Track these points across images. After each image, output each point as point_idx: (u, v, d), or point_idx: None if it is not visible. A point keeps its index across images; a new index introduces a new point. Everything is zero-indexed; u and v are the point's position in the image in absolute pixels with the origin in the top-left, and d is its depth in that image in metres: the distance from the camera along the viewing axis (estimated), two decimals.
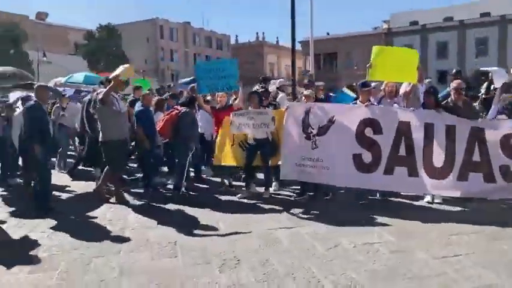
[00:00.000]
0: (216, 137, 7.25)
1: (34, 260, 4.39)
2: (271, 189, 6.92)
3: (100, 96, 6.20)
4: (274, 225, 5.39)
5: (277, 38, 77.83)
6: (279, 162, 6.58)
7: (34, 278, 3.97)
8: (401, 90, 6.46)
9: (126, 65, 6.43)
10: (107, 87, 6.32)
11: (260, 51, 72.29)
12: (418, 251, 4.46)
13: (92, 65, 43.92)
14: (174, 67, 63.59)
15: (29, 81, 10.65)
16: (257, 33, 75.03)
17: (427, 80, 7.84)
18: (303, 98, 6.78)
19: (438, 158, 5.64)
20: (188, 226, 5.45)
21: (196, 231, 5.28)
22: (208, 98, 8.19)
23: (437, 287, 3.66)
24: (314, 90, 7.21)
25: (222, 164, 7.11)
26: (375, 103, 6.31)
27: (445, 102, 6.09)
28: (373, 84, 6.64)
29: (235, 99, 7.46)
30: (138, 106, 7.57)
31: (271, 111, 6.60)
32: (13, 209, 6.46)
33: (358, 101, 6.25)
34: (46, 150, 6.06)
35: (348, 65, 56.35)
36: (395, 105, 6.19)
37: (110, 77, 6.53)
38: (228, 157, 6.94)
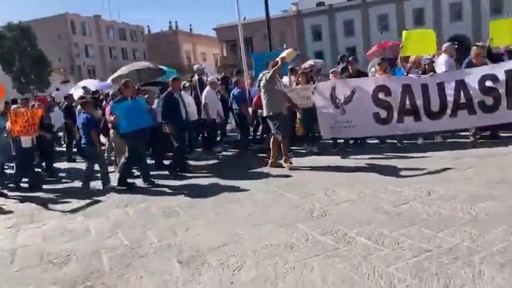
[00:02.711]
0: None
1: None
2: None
3: (269, 75, 7.45)
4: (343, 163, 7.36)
5: (190, 26, 78.18)
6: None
7: None
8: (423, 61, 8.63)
9: (291, 49, 7.66)
10: (273, 68, 7.49)
11: (175, 40, 72.44)
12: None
13: (7, 68, 41.54)
14: (91, 62, 61.72)
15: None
16: (170, 23, 74.81)
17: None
18: (331, 75, 8.66)
19: (435, 104, 7.86)
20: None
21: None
22: None
23: None
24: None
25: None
26: (405, 72, 8.45)
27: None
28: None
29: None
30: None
31: (312, 87, 8.48)
32: None
33: (376, 74, 8.27)
34: None
35: (264, 48, 58.84)
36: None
37: (278, 58, 7.60)
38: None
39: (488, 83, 7.61)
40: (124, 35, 68.61)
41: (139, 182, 7.66)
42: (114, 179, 7.76)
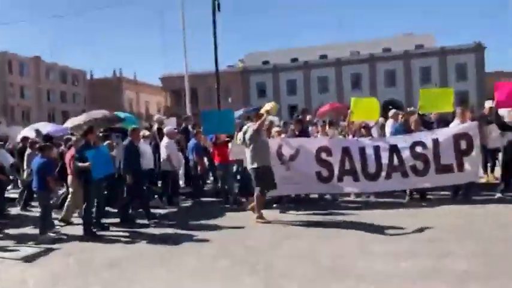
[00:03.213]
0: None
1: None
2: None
3: (255, 127, 7.62)
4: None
5: (135, 73, 77.99)
6: None
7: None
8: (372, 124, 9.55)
9: (273, 102, 7.96)
10: (260, 120, 7.62)
11: (118, 86, 71.83)
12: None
13: None
14: (26, 104, 59.47)
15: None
16: (114, 69, 74.38)
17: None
18: (276, 133, 9.12)
19: (371, 166, 8.49)
20: None
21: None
22: None
23: None
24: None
25: None
26: (351, 135, 9.19)
27: None
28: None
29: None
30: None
31: None
32: None
33: (318, 135, 8.87)
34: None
35: (208, 100, 59.76)
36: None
37: (262, 111, 7.80)
38: None
39: (418, 149, 8.39)
40: (64, 79, 67.03)
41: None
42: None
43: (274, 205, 8.93)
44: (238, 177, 10.23)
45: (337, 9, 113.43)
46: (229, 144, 9.14)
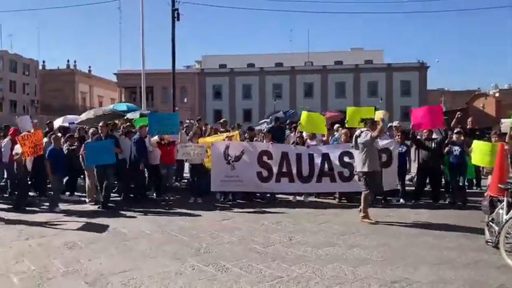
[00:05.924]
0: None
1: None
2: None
3: (375, 134, 8.03)
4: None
5: (89, 67, 76.29)
6: None
7: None
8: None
9: (384, 111, 8.89)
10: (378, 128, 8.10)
11: (71, 79, 70.36)
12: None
13: None
14: None
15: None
16: (68, 61, 72.61)
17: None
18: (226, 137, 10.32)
19: (305, 170, 9.72)
20: None
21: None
22: None
23: None
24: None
25: None
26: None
27: None
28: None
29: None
30: None
31: (205, 145, 9.87)
32: None
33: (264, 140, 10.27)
34: None
35: (164, 99, 59.86)
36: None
37: (376, 119, 8.64)
38: None
39: (346, 159, 9.69)
40: (15, 68, 64.77)
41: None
42: None
43: (222, 200, 10.05)
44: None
45: (291, 20, 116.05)
46: (177, 146, 10.02)
